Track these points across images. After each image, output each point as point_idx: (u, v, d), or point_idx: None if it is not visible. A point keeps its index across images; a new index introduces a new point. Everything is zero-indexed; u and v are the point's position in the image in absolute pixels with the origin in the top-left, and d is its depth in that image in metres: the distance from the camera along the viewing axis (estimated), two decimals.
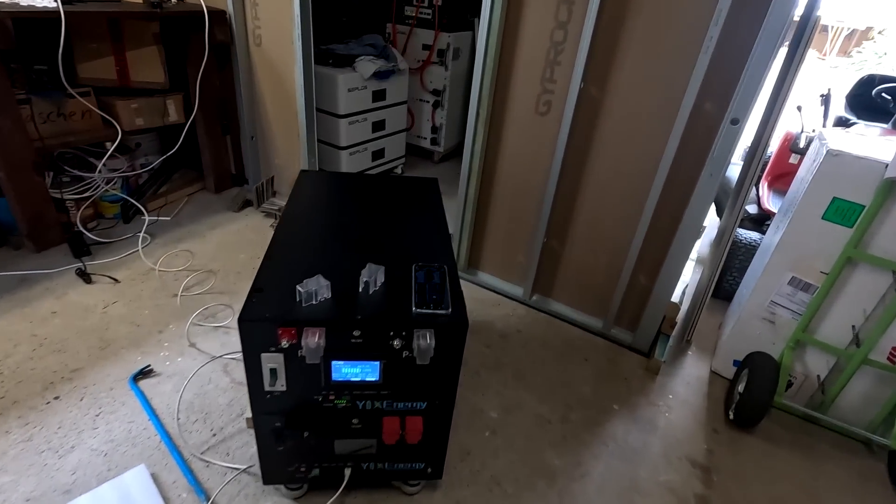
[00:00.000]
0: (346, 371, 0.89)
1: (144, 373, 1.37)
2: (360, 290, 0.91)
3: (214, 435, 1.23)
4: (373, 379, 0.91)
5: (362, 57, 2.31)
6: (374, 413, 0.97)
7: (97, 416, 1.25)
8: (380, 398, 0.95)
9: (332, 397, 0.93)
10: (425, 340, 0.84)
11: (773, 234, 1.54)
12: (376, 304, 0.88)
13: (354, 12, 2.75)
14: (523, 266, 1.85)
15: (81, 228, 1.92)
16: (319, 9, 1.97)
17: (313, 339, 0.81)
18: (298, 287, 0.85)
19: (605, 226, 1.63)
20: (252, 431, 0.96)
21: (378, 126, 2.53)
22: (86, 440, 1.19)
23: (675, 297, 1.64)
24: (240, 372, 1.39)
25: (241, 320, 0.81)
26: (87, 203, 1.95)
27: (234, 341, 1.50)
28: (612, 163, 1.54)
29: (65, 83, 1.72)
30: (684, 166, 1.43)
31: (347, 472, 1.05)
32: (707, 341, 1.79)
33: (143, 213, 2.04)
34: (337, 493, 1.04)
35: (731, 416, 1.41)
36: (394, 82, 2.50)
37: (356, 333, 0.85)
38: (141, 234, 1.87)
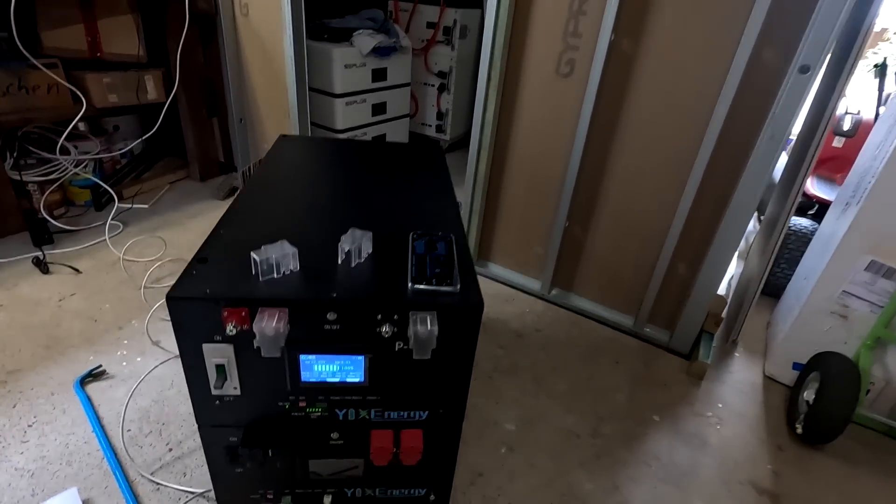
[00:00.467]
0: (320, 369, 0.67)
1: (94, 375, 1.16)
2: (340, 261, 0.68)
3: (171, 450, 1.01)
4: (356, 380, 0.68)
5: (360, 31, 2.11)
6: (359, 425, 0.74)
7: (30, 426, 1.03)
8: (366, 405, 0.72)
9: (302, 404, 0.70)
10: (425, 326, 0.62)
11: (837, 219, 1.31)
12: (360, 279, 0.66)
13: None
14: (541, 256, 1.63)
15: (45, 215, 1.72)
16: None
17: (270, 325, 0.59)
18: (254, 255, 0.63)
19: (639, 206, 1.40)
20: None
21: (378, 109, 2.32)
22: (10, 457, 0.97)
23: (721, 290, 1.40)
24: None
25: (170, 297, 0.59)
26: (53, 187, 1.75)
27: None
28: (649, 130, 1.32)
29: (24, 52, 1.53)
30: (737, 130, 1.20)
31: (327, 500, 0.82)
32: (755, 342, 1.55)
33: (114, 198, 1.83)
34: None
35: (799, 431, 1.17)
36: (396, 61, 2.30)
37: (331, 317, 0.63)
38: (108, 221, 1.67)
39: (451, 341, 0.66)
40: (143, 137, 1.96)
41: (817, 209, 1.85)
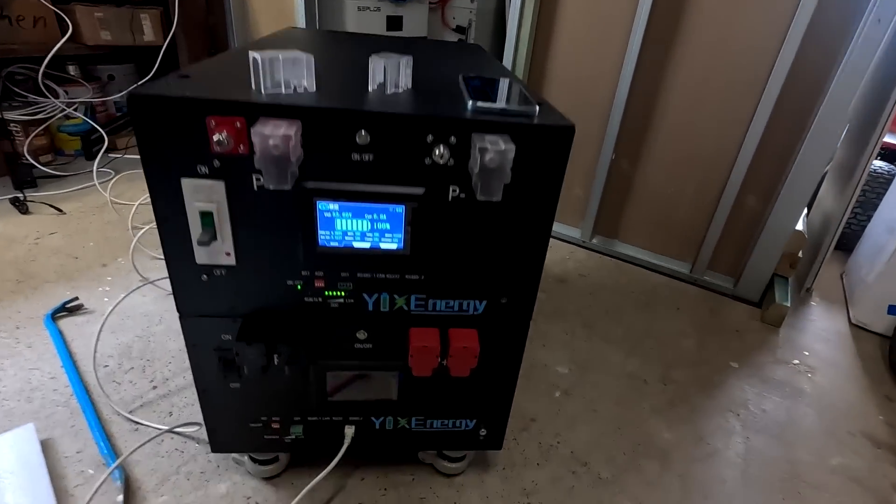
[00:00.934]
0: (345, 227, 0.48)
1: (69, 308, 0.98)
2: (371, 88, 0.50)
3: (155, 388, 0.82)
4: (392, 246, 0.50)
5: None
6: (393, 319, 0.55)
7: None
8: (404, 289, 0.53)
9: (320, 284, 0.52)
10: (497, 147, 0.43)
11: None
12: (398, 103, 0.47)
13: None
14: (581, 199, 1.44)
15: (30, 159, 1.56)
16: None
17: (277, 133, 0.40)
18: (255, 55, 0.44)
19: (701, 130, 1.21)
20: None
21: None
22: None
23: (798, 226, 1.20)
24: None
25: (133, 95, 0.41)
26: (39, 130, 1.59)
27: None
28: (715, 34, 1.13)
29: None
30: (827, 25, 1.01)
31: (349, 431, 0.63)
32: (830, 292, 1.35)
33: (104, 143, 1.66)
34: (329, 468, 0.62)
35: None
36: (412, 9, 2.13)
37: (362, 140, 0.44)
38: (97, 167, 1.49)
39: (527, 181, 0.48)
40: (139, 83, 1.80)
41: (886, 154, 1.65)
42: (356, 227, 0.48)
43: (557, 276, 1.28)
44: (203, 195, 0.45)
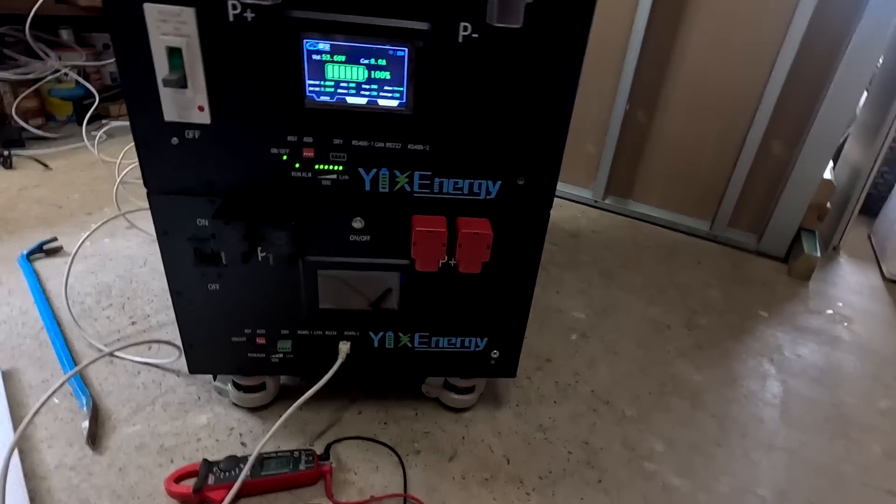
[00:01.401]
0: (338, 74, 0.41)
1: (47, 251, 0.91)
2: None
3: (134, 324, 0.75)
4: (392, 103, 0.43)
5: None
6: (394, 203, 0.48)
7: None
8: (406, 163, 0.46)
9: (309, 154, 0.45)
10: None
11: None
12: None
13: None
14: (594, 157, 1.37)
15: (19, 120, 1.50)
16: None
17: None
18: None
19: (721, 76, 1.14)
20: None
21: None
22: None
23: (826, 175, 1.13)
24: None
25: None
26: (29, 91, 1.53)
27: None
28: None
29: None
30: None
31: (344, 347, 0.56)
32: (858, 251, 1.27)
33: (97, 105, 1.60)
34: (321, 383, 0.54)
35: None
36: None
37: None
38: (85, 123, 1.43)
39: (552, 5, 0.41)
40: None
41: None
42: (350, 75, 0.42)
43: (570, 232, 1.21)
44: (170, 26, 0.38)
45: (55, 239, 0.92)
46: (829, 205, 1.14)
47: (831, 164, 1.23)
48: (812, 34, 1.02)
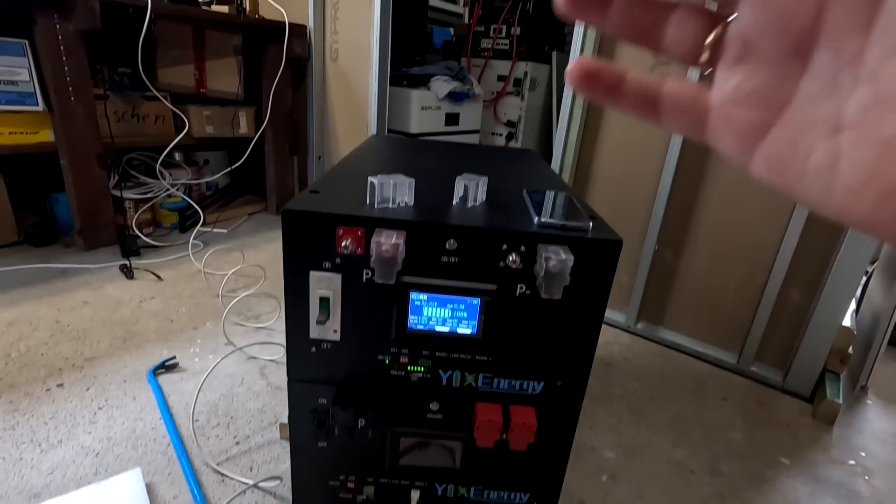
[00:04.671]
0: (430, 313, 0.59)
1: (167, 366, 1.12)
2: (455, 202, 0.63)
3: (238, 444, 0.93)
4: (467, 331, 0.60)
5: (437, 77, 2.22)
6: (463, 394, 0.64)
7: (100, 409, 0.98)
8: (474, 367, 0.63)
9: (404, 360, 0.62)
10: (558, 257, 0.54)
11: None
12: (478, 216, 0.60)
13: (428, 46, 2.75)
14: (626, 286, 1.51)
15: (136, 231, 1.80)
16: (396, 37, 1.93)
17: (389, 241, 0.53)
18: (372, 179, 0.59)
19: (741, 221, 1.29)
20: (285, 444, 0.66)
21: None
22: (78, 436, 0.91)
23: (846, 322, 1.22)
24: (278, 376, 1.10)
25: (287, 211, 0.55)
26: (146, 207, 1.85)
27: (276, 344, 1.23)
28: None
29: (147, 83, 1.69)
30: None
31: (415, 495, 0.70)
32: (888, 391, 1.32)
33: (199, 218, 1.91)
34: None
35: None
36: (468, 108, 2.38)
37: (450, 246, 0.56)
38: (191, 240, 1.71)
39: (582, 284, 0.58)
40: (231, 167, 2.08)
41: None
42: (439, 314, 0.59)
43: (603, 360, 1.34)
44: (324, 283, 0.58)
45: (174, 357, 1.13)
46: (850, 350, 1.23)
47: (854, 306, 1.32)
48: None
